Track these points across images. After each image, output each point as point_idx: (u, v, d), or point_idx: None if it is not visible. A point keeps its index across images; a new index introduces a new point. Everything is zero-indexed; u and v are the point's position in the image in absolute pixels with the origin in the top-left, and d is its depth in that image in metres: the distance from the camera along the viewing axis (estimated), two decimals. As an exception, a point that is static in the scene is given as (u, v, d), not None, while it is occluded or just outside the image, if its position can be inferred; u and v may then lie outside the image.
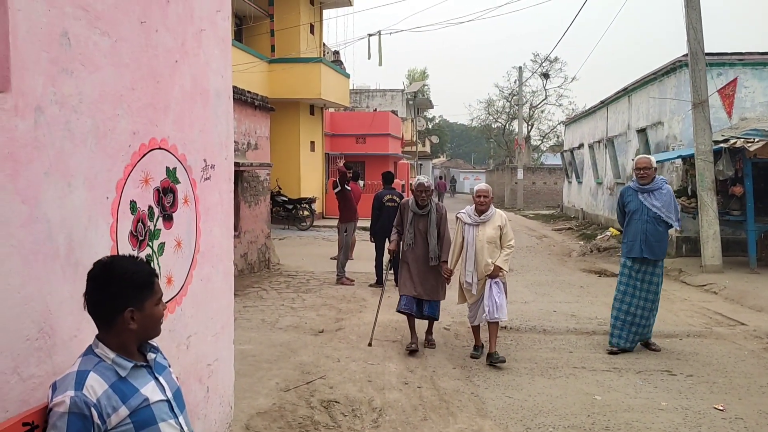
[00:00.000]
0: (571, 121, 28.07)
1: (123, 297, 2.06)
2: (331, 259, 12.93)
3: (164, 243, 3.05)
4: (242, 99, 10.91)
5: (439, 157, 72.21)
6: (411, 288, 6.38)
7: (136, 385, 2.10)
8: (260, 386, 5.22)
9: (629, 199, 6.40)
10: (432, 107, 50.63)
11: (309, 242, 16.29)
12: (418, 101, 42.69)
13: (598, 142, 21.79)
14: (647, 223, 6.26)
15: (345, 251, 10.52)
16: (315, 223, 19.88)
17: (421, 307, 6.44)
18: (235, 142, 10.03)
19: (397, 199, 10.30)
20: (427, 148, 48.32)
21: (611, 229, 16.99)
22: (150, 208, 2.90)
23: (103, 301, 2.06)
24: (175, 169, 3.13)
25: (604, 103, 20.98)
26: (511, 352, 6.54)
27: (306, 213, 19.53)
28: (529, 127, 46.81)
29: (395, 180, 10.84)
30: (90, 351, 2.12)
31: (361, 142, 27.32)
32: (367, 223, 20.27)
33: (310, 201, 19.48)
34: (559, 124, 45.50)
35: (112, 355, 2.09)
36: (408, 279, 6.41)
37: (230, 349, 3.96)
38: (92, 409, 1.97)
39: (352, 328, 7.36)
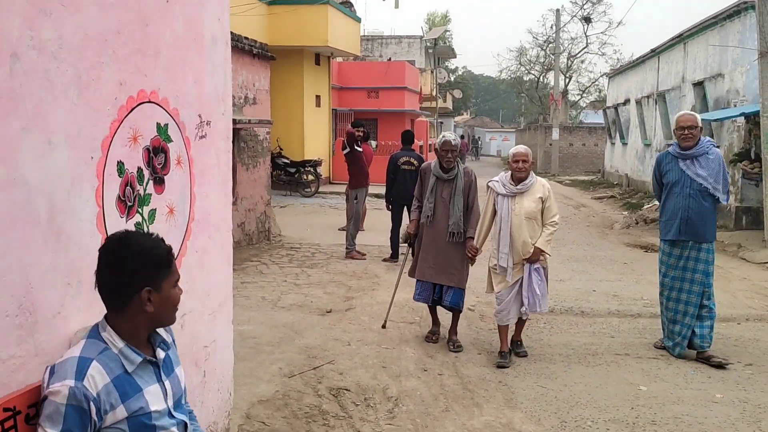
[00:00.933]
0: (616, 73, 27.69)
1: (141, 275, 2.09)
2: (339, 230, 12.99)
3: (155, 209, 3.06)
4: (239, 46, 10.85)
5: (462, 114, 71.79)
6: (428, 272, 6.05)
7: (140, 384, 2.12)
8: (262, 371, 5.30)
9: (668, 168, 5.89)
10: (454, 57, 50.09)
11: (314, 210, 16.35)
12: (438, 50, 42.23)
13: (647, 97, 21.52)
14: (690, 197, 5.75)
15: (355, 221, 10.55)
16: (321, 189, 19.93)
17: (440, 296, 6.13)
18: (232, 95, 9.99)
19: (416, 162, 10.28)
20: (449, 104, 47.96)
21: (660, 197, 16.88)
22: (139, 169, 2.91)
23: (119, 278, 2.08)
24: (166, 125, 3.12)
25: (655, 52, 20.65)
26: (544, 336, 6.58)
27: (311, 177, 19.55)
28: (567, 80, 46.23)
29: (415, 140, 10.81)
30: (95, 333, 2.13)
31: (374, 97, 27.17)
32: (381, 189, 20.42)
33: (315, 164, 19.48)
34: (601, 76, 44.93)
35: (120, 344, 2.11)
36: (424, 261, 6.08)
37: (229, 329, 4.00)
38: (91, 403, 1.99)
39: (364, 307, 7.42)
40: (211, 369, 3.75)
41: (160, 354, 2.24)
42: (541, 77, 49.47)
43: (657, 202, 16.99)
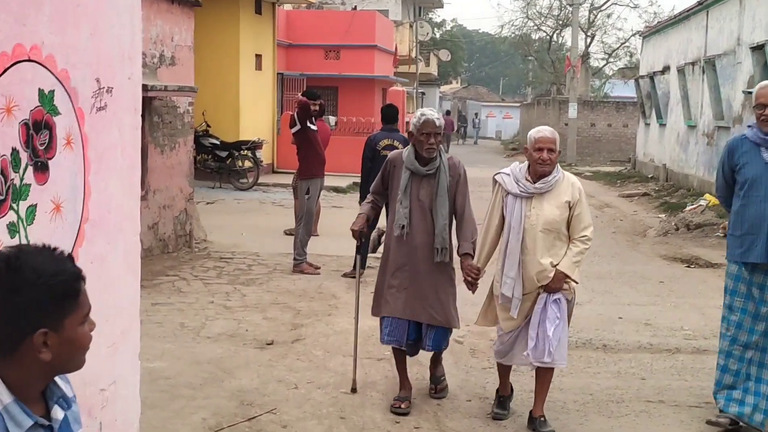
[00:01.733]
0: (653, 31, 28.06)
1: (34, 312, 2.02)
2: (285, 234, 12.96)
3: (35, 205, 3.04)
4: (152, -13, 10.78)
5: (451, 82, 72.17)
6: (399, 305, 5.73)
7: None
8: (179, 423, 5.25)
9: (744, 160, 5.52)
10: (441, 6, 50.39)
11: (252, 208, 16.28)
12: (420, -4, 42.38)
13: (692, 64, 21.84)
14: None
15: (306, 223, 10.55)
16: (261, 180, 19.85)
17: (419, 337, 5.84)
18: (142, 53, 9.88)
19: (400, 146, 10.34)
20: (433, 69, 48.17)
21: (707, 195, 17.13)
22: (14, 151, 2.88)
23: (4, 316, 2.02)
24: (52, 92, 3.09)
25: (703, 5, 20.97)
26: (554, 377, 6.63)
27: (248, 164, 19.47)
28: (589, 40, 46.73)
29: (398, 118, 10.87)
30: None
31: (333, 58, 27.15)
32: (340, 181, 20.49)
33: (255, 146, 19.41)
34: (633, 35, 45.46)
35: (7, 398, 2.05)
36: (395, 289, 5.76)
37: (135, 367, 3.97)
38: None
39: (317, 338, 7.41)
40: (110, 420, 3.72)
41: (57, 414, 2.18)
42: (555, 35, 49.94)
43: (703, 202, 17.31)
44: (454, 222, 5.89)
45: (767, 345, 5.51)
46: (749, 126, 5.62)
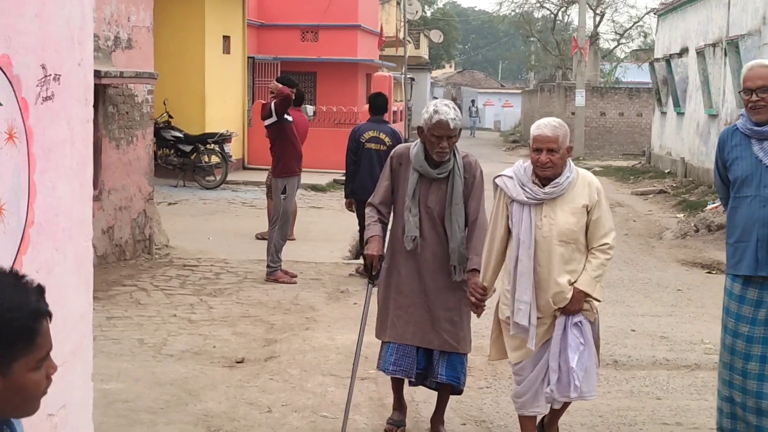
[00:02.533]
0: (669, 9, 28.16)
1: None
2: (257, 238, 12.95)
3: (-26, 208, 3.03)
4: (105, -40, 10.77)
5: (444, 66, 72.27)
6: (408, 329, 5.54)
7: None
8: (137, 452, 5.26)
9: (734, 155, 5.31)
10: (432, -19, 50.35)
11: (220, 209, 16.26)
12: (408, -30, 42.40)
13: (713, 45, 21.94)
14: None
15: (282, 226, 10.55)
16: (230, 178, 19.83)
17: (429, 365, 5.62)
18: (94, 35, 9.82)
19: (388, 140, 10.43)
20: (424, 52, 48.19)
21: (731, 193, 17.18)
22: (-51, 147, 2.88)
23: None
24: (-8, 80, 3.09)
25: (725, -20, 21.04)
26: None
27: (215, 160, 19.43)
28: (598, 19, 46.89)
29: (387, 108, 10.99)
30: None
31: (311, 40, 27.15)
32: (319, 178, 20.46)
33: (223, 139, 19.38)
34: (647, 13, 45.67)
35: None
36: (402, 310, 5.59)
37: (87, 389, 3.97)
38: None
39: (293, 355, 7.42)
40: (59, 449, 3.71)
41: None
42: (560, 13, 50.10)
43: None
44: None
45: (757, 383, 5.10)
46: (741, 115, 5.37)
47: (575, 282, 5.10)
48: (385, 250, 5.72)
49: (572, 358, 5.04)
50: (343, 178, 20.78)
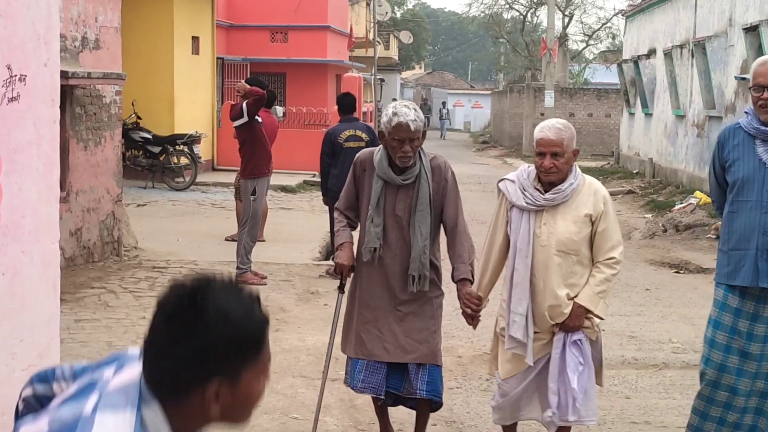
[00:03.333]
0: (636, 10, 28.40)
1: (212, 359, 1.99)
2: (227, 240, 12.92)
3: (-62, 210, 3.01)
4: (73, -40, 10.70)
5: (414, 68, 72.40)
6: (377, 344, 5.22)
7: None
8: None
9: (735, 155, 5.02)
10: (402, -18, 50.44)
11: (189, 211, 16.19)
12: (378, -29, 42.46)
13: (680, 47, 22.15)
14: None
15: (252, 227, 10.51)
16: (199, 179, 19.77)
17: (402, 382, 5.29)
18: (60, 35, 9.76)
19: (365, 136, 10.51)
20: (394, 53, 48.27)
21: (698, 193, 17.38)
22: None
23: (177, 358, 1.99)
24: (-44, 81, 3.07)
25: (692, -18, 21.23)
26: (529, 397, 6.69)
27: (184, 161, 19.34)
28: (567, 20, 47.18)
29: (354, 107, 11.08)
30: (135, 397, 2.03)
31: (280, 40, 27.12)
32: (288, 179, 20.45)
33: (192, 140, 19.30)
34: (615, 14, 46.02)
35: None
36: (369, 325, 5.26)
37: (54, 392, 3.94)
38: None
39: (264, 357, 7.40)
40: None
41: None
42: (529, 15, 50.35)
43: (693, 200, 17.53)
44: (443, 237, 5.40)
45: (753, 408, 4.96)
46: (746, 112, 5.09)
47: (576, 296, 4.83)
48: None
49: (572, 378, 4.77)
50: (314, 179, 21.14)
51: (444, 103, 58.85)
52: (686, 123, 21.36)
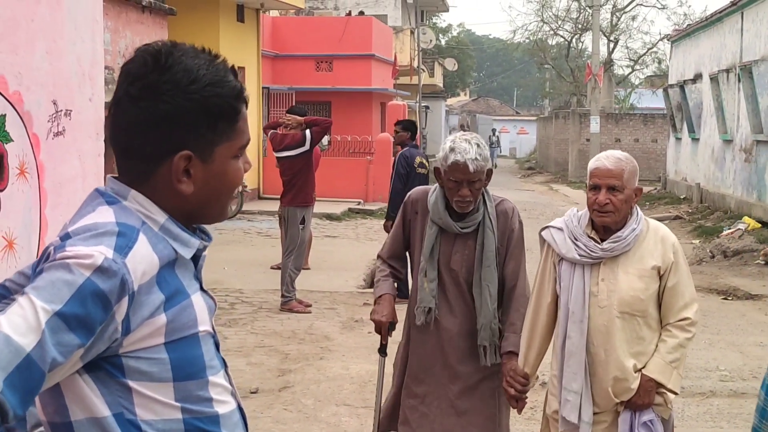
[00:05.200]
0: (682, 35, 28.20)
1: (179, 126, 1.82)
2: (272, 268, 12.94)
3: (-15, 243, 3.05)
4: (120, -6, 10.86)
5: (459, 94, 72.32)
6: (425, 425, 4.37)
7: (186, 287, 1.91)
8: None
9: None
10: (446, 10, 50.58)
11: (235, 239, 16.27)
12: (422, 0, 42.62)
13: (726, 71, 21.92)
14: None
15: (297, 256, 10.55)
16: (245, 208, 19.88)
17: None
18: (106, 68, 9.85)
19: (427, 164, 10.63)
20: (438, 80, 48.29)
21: (746, 218, 17.14)
22: (-40, 183, 2.90)
23: (141, 126, 1.81)
24: (3, 117, 3.12)
25: (737, 6, 21.08)
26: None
27: (230, 190, 19.48)
28: (612, 45, 46.93)
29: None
30: (111, 197, 1.86)
31: (325, 69, 27.23)
32: (333, 208, 20.47)
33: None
34: (661, 39, 45.65)
35: (161, 217, 1.86)
36: (419, 400, 4.43)
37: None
38: (124, 300, 1.71)
39: (307, 385, 7.40)
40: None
41: (200, 245, 2.02)
42: (574, 41, 50.13)
43: (741, 225, 17.29)
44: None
45: None
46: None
47: (644, 368, 3.99)
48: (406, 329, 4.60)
49: None
50: (358, 206, 21.15)
51: (494, 130, 58.63)
52: (734, 147, 21.10)
